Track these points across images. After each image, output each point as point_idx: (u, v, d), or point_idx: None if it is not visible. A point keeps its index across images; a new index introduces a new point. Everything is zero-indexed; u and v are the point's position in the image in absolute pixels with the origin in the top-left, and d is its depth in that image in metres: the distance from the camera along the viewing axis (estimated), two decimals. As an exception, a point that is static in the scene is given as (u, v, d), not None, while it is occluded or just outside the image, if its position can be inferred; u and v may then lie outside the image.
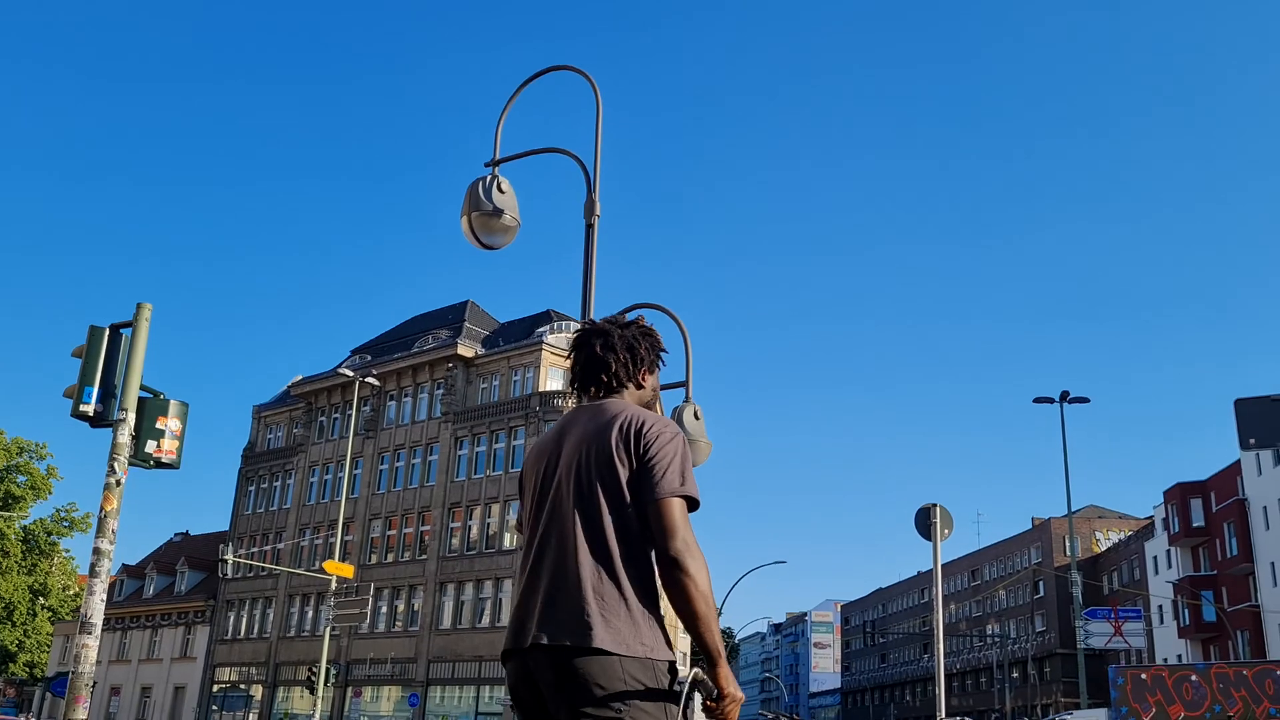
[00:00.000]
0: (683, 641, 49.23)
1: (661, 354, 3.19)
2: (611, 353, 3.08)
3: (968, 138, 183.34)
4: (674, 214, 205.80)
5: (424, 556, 49.84)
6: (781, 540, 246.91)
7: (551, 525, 2.89)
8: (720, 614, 76.63)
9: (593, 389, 3.09)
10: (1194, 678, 25.61)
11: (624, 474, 2.81)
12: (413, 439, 52.76)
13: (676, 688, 2.74)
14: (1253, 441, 9.82)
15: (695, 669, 2.73)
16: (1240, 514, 66.97)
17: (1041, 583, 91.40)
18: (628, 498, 2.79)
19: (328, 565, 33.26)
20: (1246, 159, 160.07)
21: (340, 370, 50.67)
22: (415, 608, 49.38)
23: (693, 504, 2.80)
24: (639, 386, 3.13)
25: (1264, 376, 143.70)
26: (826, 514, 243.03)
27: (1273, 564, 63.50)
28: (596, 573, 2.76)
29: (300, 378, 58.85)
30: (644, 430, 2.85)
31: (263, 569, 51.68)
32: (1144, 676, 26.77)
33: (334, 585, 33.43)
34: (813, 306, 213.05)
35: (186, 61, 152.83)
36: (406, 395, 54.20)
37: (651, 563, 2.80)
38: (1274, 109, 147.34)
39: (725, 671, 2.75)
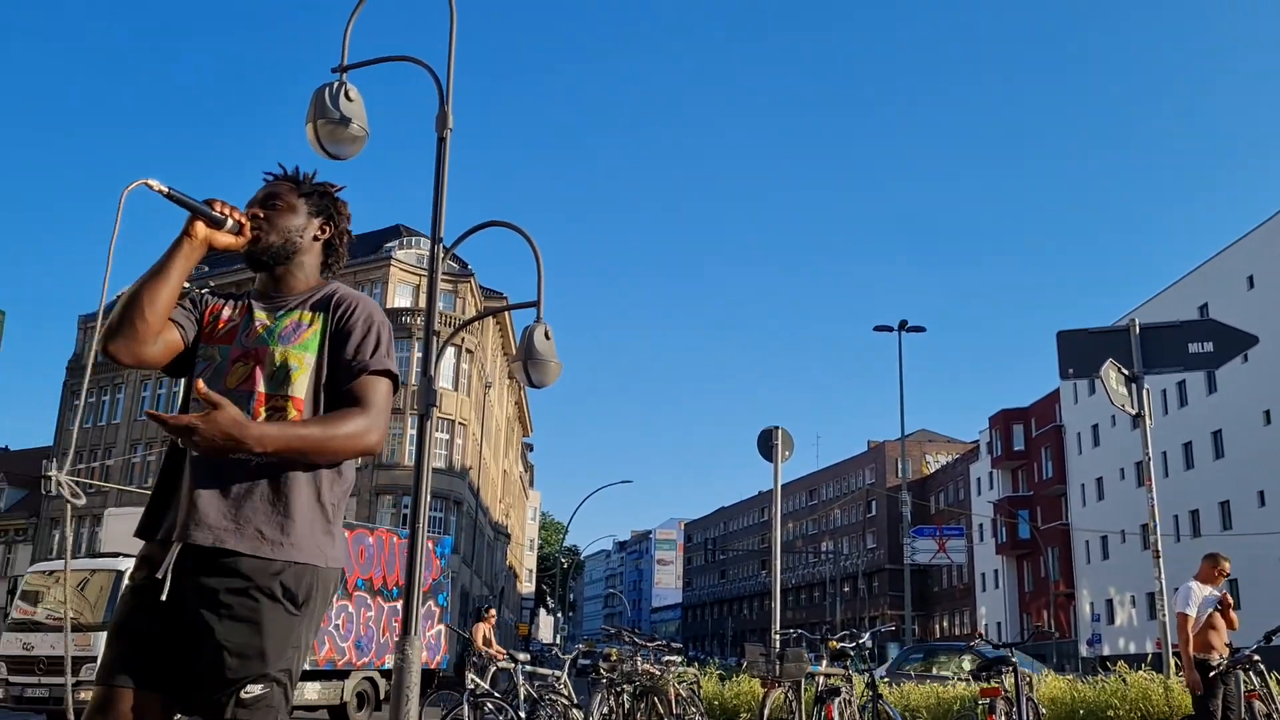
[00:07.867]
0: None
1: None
2: None
3: (830, 89, 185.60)
4: (534, 129, 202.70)
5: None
6: (629, 462, 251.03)
7: None
8: (566, 533, 77.37)
9: None
10: None
11: None
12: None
13: None
14: (1071, 371, 10.39)
15: None
16: (1057, 439, 71.31)
17: (874, 502, 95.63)
18: None
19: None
20: (1090, 126, 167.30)
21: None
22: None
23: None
24: None
25: (1085, 312, 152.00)
26: (674, 437, 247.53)
27: (1083, 486, 67.98)
28: None
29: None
30: None
31: (89, 485, 49.45)
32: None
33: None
34: (670, 241, 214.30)
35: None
36: (248, 308, 52.23)
37: None
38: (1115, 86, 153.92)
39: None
